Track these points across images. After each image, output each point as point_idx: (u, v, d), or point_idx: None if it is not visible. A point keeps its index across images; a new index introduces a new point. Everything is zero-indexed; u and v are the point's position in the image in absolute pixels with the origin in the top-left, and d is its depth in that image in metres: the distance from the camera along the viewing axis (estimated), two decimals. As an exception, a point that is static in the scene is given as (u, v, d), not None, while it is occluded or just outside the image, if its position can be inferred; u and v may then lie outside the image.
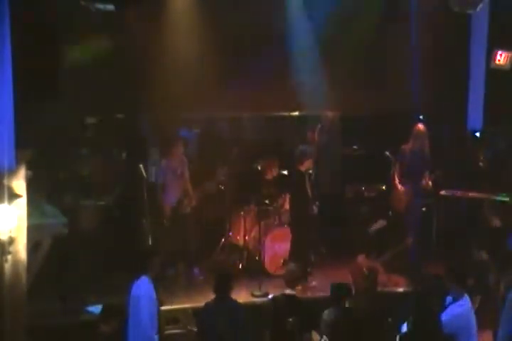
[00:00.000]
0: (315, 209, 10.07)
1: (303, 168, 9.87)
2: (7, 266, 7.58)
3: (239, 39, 10.00)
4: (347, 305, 7.56)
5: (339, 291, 7.60)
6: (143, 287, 7.24)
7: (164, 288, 8.55)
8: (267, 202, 10.50)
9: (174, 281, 9.69)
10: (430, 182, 10.23)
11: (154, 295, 7.30)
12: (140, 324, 7.15)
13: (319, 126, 11.44)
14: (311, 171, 10.13)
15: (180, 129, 10.91)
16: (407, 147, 10.22)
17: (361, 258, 9.28)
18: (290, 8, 10.34)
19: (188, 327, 8.39)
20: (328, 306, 7.62)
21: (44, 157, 8.41)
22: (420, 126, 10.25)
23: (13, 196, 7.56)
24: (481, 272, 8.34)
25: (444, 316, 6.59)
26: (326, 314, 7.37)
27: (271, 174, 10.58)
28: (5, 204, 7.47)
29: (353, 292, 7.72)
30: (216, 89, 9.94)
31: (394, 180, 10.18)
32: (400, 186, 10.16)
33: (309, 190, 9.88)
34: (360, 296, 7.83)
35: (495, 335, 7.42)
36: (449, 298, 6.84)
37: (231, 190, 10.49)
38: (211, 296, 7.51)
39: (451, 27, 10.65)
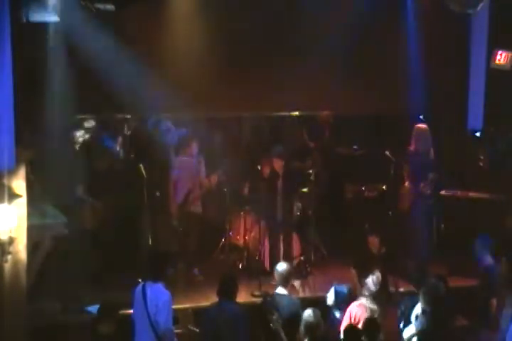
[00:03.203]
0: (296, 208, 10.18)
1: (276, 168, 10.04)
2: (7, 266, 7.58)
3: (239, 39, 10.00)
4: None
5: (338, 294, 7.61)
6: (165, 292, 7.16)
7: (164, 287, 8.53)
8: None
9: (174, 281, 9.68)
10: (433, 183, 10.21)
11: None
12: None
13: (319, 126, 11.47)
14: (311, 171, 10.19)
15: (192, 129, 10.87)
16: (413, 148, 10.14)
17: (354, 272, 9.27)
18: (290, 9, 10.32)
19: (189, 327, 8.37)
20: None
21: (44, 157, 8.39)
22: (421, 126, 10.23)
23: (13, 196, 7.55)
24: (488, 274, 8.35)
25: None
26: (307, 314, 7.08)
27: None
28: (5, 204, 7.47)
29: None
30: (216, 89, 9.94)
31: (400, 180, 10.14)
32: (407, 187, 10.14)
33: (279, 191, 10.00)
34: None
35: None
36: None
37: (231, 190, 10.48)
38: (211, 296, 7.48)
39: (451, 27, 10.65)
